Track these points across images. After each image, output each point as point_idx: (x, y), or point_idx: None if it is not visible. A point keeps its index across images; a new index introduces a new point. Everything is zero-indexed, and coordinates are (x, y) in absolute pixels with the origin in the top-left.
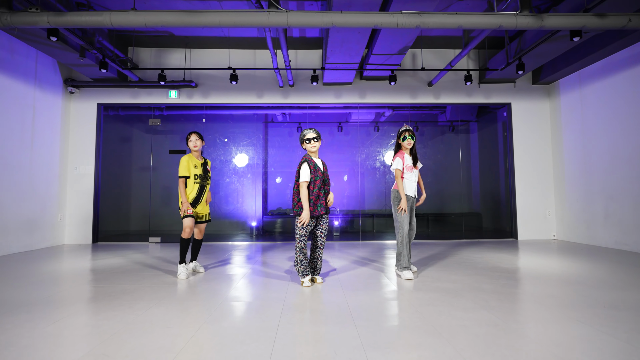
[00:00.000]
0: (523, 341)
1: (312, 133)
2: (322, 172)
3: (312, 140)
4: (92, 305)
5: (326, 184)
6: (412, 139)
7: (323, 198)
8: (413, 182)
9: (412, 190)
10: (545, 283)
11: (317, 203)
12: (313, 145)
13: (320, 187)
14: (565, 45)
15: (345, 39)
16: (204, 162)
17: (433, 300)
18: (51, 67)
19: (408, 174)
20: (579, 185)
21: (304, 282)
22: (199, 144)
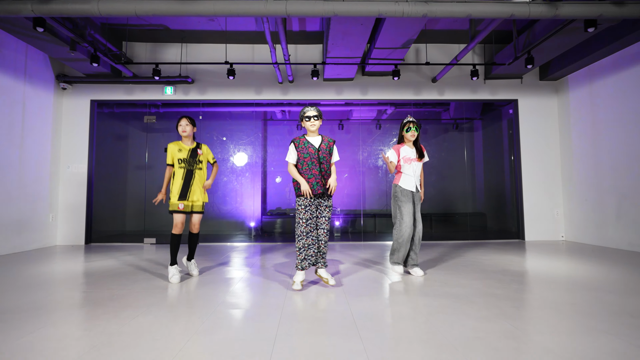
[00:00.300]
0: (548, 357)
1: (313, 111)
2: (315, 150)
3: (312, 118)
4: (74, 314)
5: (321, 162)
6: (416, 130)
7: (319, 177)
8: (411, 175)
9: (412, 184)
10: (561, 288)
11: (312, 182)
12: (312, 124)
13: (312, 166)
14: (578, 37)
15: (347, 31)
16: (194, 146)
17: (443, 308)
18: (42, 62)
19: (406, 167)
20: (589, 184)
21: (295, 281)
22: (188, 129)
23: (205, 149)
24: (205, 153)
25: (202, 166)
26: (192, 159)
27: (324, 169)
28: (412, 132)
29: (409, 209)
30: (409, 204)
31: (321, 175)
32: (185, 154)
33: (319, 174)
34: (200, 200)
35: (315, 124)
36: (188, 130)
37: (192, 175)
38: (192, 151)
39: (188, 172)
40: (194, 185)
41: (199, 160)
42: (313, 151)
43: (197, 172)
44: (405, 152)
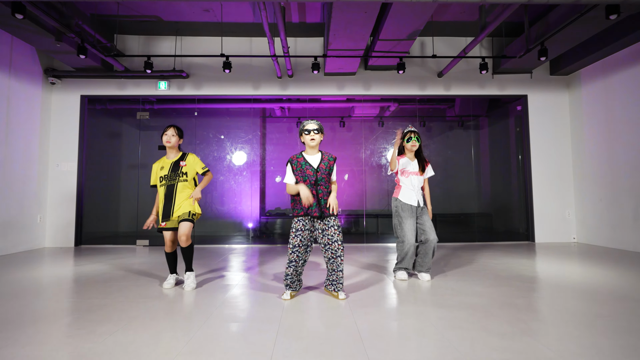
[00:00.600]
0: None
1: (313, 124)
2: (313, 171)
3: (311, 131)
4: (46, 329)
5: (319, 184)
6: (417, 141)
7: (315, 200)
8: (411, 190)
9: (413, 198)
10: (586, 296)
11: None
12: (312, 139)
13: (310, 188)
14: (595, 28)
15: (350, 20)
16: (177, 158)
17: (460, 322)
18: (29, 55)
19: (404, 180)
20: (604, 184)
21: (284, 295)
22: (173, 140)
23: (190, 160)
24: (190, 164)
25: (188, 178)
26: (174, 172)
27: (321, 191)
28: (412, 142)
29: (410, 225)
30: (410, 219)
31: (318, 198)
32: (166, 170)
33: (316, 196)
34: (184, 210)
35: (316, 139)
36: (173, 142)
37: (173, 190)
38: (174, 164)
39: (169, 187)
40: (177, 200)
41: (181, 173)
42: (311, 173)
43: (179, 185)
44: (404, 165)
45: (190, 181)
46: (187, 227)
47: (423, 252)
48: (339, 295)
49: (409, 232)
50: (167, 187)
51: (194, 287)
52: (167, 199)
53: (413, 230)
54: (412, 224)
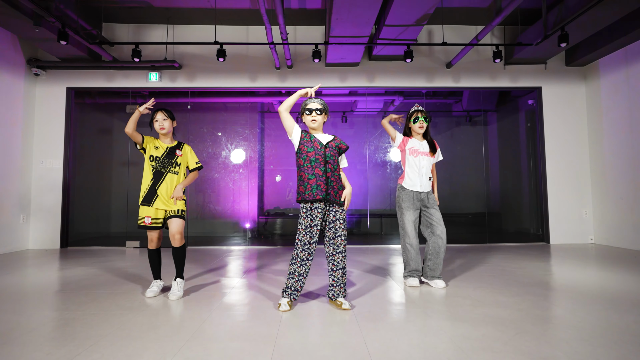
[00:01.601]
0: None
1: (315, 103)
2: (321, 145)
3: (313, 111)
4: (19, 341)
5: (327, 161)
6: (425, 121)
7: (322, 178)
8: (417, 172)
9: (417, 182)
10: (627, 309)
11: (313, 184)
12: (314, 119)
13: (316, 163)
14: (620, 10)
15: (353, 2)
16: (174, 145)
17: (489, 340)
18: (10, 43)
19: (412, 160)
20: (625, 181)
21: (280, 304)
22: (166, 124)
23: (185, 151)
24: (185, 155)
25: (179, 170)
26: (168, 159)
27: (330, 170)
28: (420, 122)
29: (410, 217)
30: (412, 211)
31: (325, 177)
32: (160, 152)
33: (323, 174)
34: (173, 207)
35: (317, 120)
36: (167, 126)
37: (160, 178)
38: (170, 150)
39: (157, 173)
40: (161, 191)
41: (175, 163)
42: (319, 146)
43: (169, 176)
44: (413, 144)
45: (180, 175)
46: (181, 224)
47: (433, 253)
48: (343, 304)
49: (409, 224)
50: (156, 172)
51: (180, 297)
52: (153, 184)
53: (414, 222)
54: (412, 215)
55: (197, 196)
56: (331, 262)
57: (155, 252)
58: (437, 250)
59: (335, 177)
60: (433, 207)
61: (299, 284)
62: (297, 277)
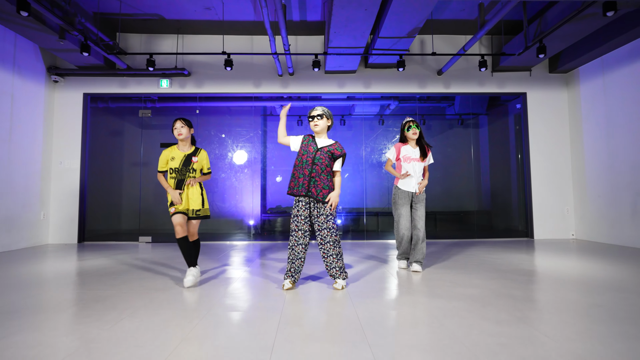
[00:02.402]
0: None
1: (316, 110)
2: (314, 149)
3: (314, 117)
4: (54, 317)
5: (315, 164)
6: (417, 128)
7: (307, 178)
8: (411, 175)
9: (411, 184)
10: (582, 288)
11: (300, 181)
12: (315, 124)
13: (305, 165)
14: (593, 24)
15: (350, 17)
16: (190, 152)
17: (458, 310)
18: (32, 53)
19: (406, 166)
20: (602, 180)
21: (284, 284)
22: (184, 131)
23: (202, 156)
24: (200, 161)
25: (197, 175)
26: (185, 167)
27: (315, 171)
28: (413, 129)
29: (405, 212)
30: (406, 206)
31: (310, 177)
32: (177, 162)
33: (309, 174)
34: (198, 206)
35: (319, 124)
36: (184, 133)
37: (182, 185)
38: (186, 158)
39: (179, 182)
40: (189, 194)
41: (192, 169)
42: (312, 150)
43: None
44: (405, 151)
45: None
46: (196, 225)
47: (413, 243)
48: (336, 283)
49: (404, 217)
50: (177, 181)
51: (194, 283)
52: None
53: (408, 216)
54: (407, 210)
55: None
56: (322, 250)
57: (182, 240)
58: (416, 240)
59: (320, 178)
60: (419, 204)
61: (295, 266)
62: (292, 259)
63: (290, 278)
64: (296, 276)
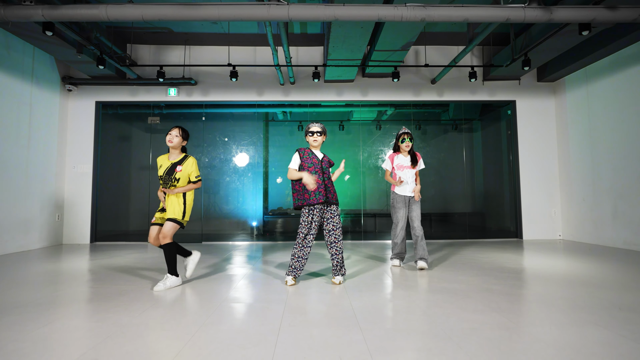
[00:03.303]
0: (539, 345)
1: (316, 127)
2: (318, 160)
3: (315, 134)
4: (85, 307)
5: (324, 172)
6: (410, 141)
7: (322, 186)
8: (406, 181)
9: (406, 189)
10: (555, 284)
11: (316, 191)
12: (315, 139)
13: (316, 175)
14: (573, 40)
15: (347, 34)
16: (177, 161)
17: (440, 302)
18: (49, 64)
19: (400, 173)
20: (586, 184)
21: (287, 280)
22: (175, 140)
23: (187, 165)
24: (186, 170)
25: (178, 185)
26: (168, 176)
27: (327, 178)
28: (406, 142)
29: (402, 214)
30: (403, 209)
31: (324, 185)
32: (162, 170)
33: (322, 183)
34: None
35: (318, 140)
36: (175, 142)
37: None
38: (170, 167)
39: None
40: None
41: (174, 178)
42: (317, 161)
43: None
44: (398, 160)
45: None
46: (168, 226)
47: (414, 242)
48: (334, 279)
49: (401, 219)
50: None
51: (162, 290)
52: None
53: (404, 219)
54: (404, 213)
55: (208, 197)
56: (335, 248)
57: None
58: (415, 239)
59: (331, 183)
60: (414, 205)
61: (299, 264)
62: (297, 259)
63: (293, 274)
64: (299, 273)
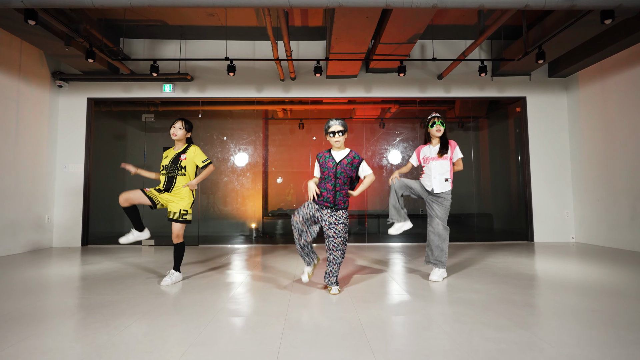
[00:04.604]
0: None
1: (337, 125)
2: (333, 164)
3: (336, 134)
4: (63, 322)
5: (337, 177)
6: (441, 125)
7: (331, 192)
8: (429, 176)
9: (428, 183)
10: (580, 293)
11: (324, 195)
12: (337, 140)
13: (328, 180)
14: (590, 32)
15: (351, 25)
16: (181, 150)
17: (459, 316)
18: (37, 58)
19: (426, 167)
20: (601, 184)
21: (303, 272)
22: (179, 133)
23: (191, 152)
24: (190, 157)
25: (187, 172)
26: (174, 164)
27: (339, 185)
28: (437, 126)
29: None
30: (416, 185)
31: (334, 191)
32: (167, 160)
33: (332, 189)
34: (177, 208)
35: (340, 140)
36: (179, 135)
37: (172, 182)
38: (175, 156)
39: (169, 179)
40: (174, 189)
41: (180, 167)
42: (331, 165)
43: (178, 178)
44: (425, 152)
45: (189, 175)
46: (177, 228)
47: (427, 244)
48: (332, 289)
49: (407, 181)
50: (167, 178)
51: (169, 284)
52: (166, 186)
53: (409, 188)
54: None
55: (206, 198)
56: (330, 255)
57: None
58: (429, 241)
59: (343, 189)
60: (435, 203)
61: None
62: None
63: (306, 264)
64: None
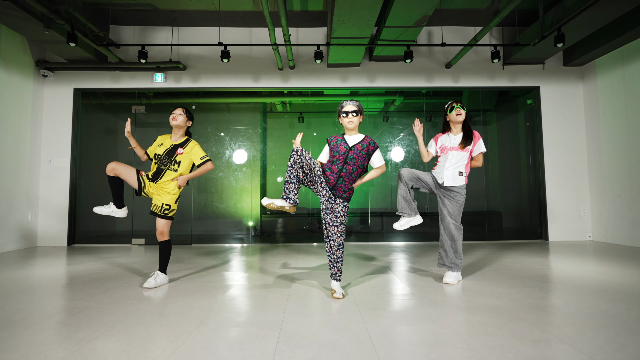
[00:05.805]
0: None
1: (351, 105)
2: (345, 148)
3: (349, 113)
4: (18, 334)
5: (347, 162)
6: (461, 108)
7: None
8: (442, 167)
9: (441, 174)
10: (617, 298)
11: (327, 175)
12: (350, 121)
13: (336, 163)
14: (616, 11)
15: (355, 4)
16: (179, 143)
17: (484, 326)
18: (19, 45)
19: (442, 157)
20: (622, 179)
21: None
22: (180, 119)
23: (189, 148)
24: (187, 153)
25: (180, 168)
26: (168, 157)
27: (346, 170)
28: (457, 109)
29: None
30: (426, 176)
31: (339, 175)
32: (162, 149)
33: (338, 172)
34: (160, 202)
35: (354, 121)
36: (179, 120)
37: (160, 174)
38: (172, 148)
39: (158, 170)
40: (160, 182)
41: (174, 161)
42: (344, 150)
43: (167, 173)
44: (443, 141)
45: (182, 172)
46: (161, 224)
47: (441, 242)
48: (335, 292)
49: (418, 172)
50: (157, 169)
51: (152, 287)
52: (155, 174)
53: (419, 180)
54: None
55: (201, 195)
56: (327, 244)
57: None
58: (442, 242)
59: (349, 177)
60: (447, 198)
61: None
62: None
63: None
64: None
